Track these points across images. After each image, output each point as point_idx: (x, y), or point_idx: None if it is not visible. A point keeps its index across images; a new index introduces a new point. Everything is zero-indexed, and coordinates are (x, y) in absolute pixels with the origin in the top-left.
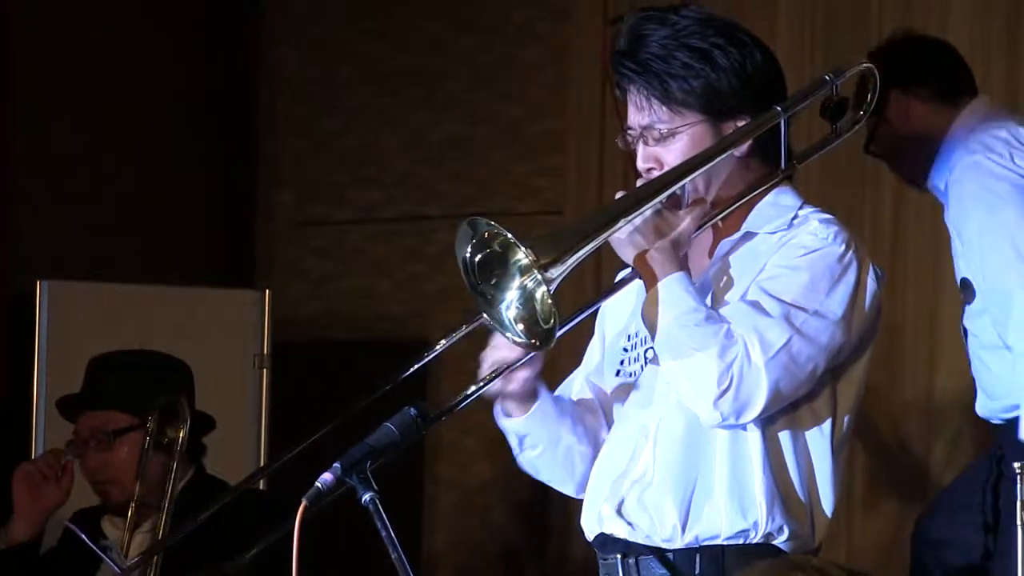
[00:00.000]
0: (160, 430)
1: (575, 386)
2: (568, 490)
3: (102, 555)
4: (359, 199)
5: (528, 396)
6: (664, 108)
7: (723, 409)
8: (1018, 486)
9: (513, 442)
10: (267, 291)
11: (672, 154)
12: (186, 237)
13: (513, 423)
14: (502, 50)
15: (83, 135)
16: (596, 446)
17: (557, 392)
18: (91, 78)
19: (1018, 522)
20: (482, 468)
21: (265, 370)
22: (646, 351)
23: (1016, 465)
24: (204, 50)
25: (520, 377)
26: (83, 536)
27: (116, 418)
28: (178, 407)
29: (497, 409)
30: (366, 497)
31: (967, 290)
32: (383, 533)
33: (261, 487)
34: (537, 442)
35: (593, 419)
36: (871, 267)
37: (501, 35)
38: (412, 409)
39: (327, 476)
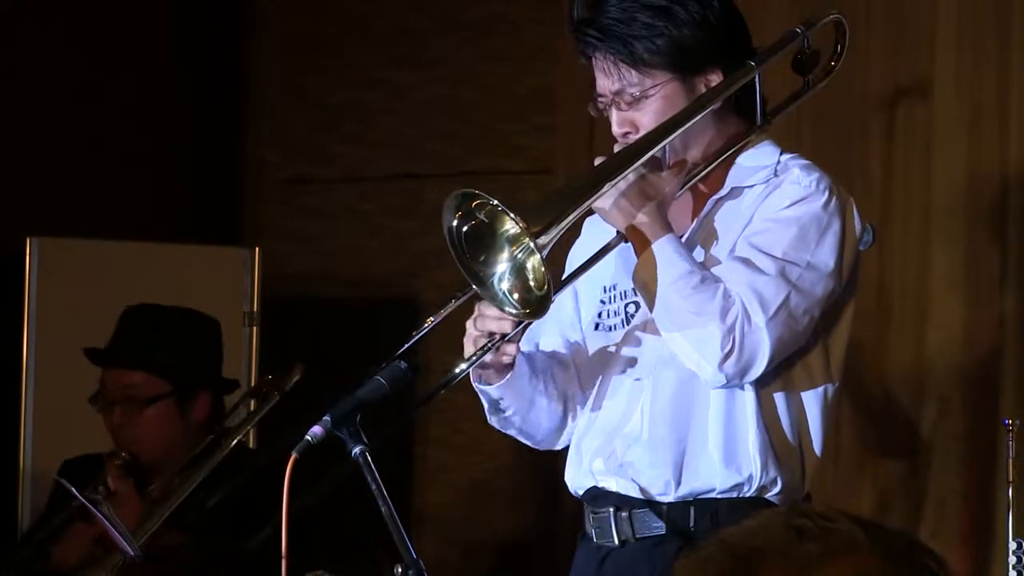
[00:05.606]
0: (188, 399)
1: (548, 339)
2: (530, 443)
3: (91, 508)
4: (346, 157)
5: (507, 364)
6: (633, 71)
7: (728, 372)
8: (1010, 443)
9: (486, 405)
10: (256, 249)
11: (647, 116)
12: (174, 195)
13: (490, 389)
14: (488, 7)
15: (71, 91)
16: (565, 402)
17: (523, 343)
18: (72, 34)
19: (1009, 478)
20: (471, 427)
21: (255, 328)
22: (627, 306)
23: (1007, 422)
24: (189, 7)
25: (509, 351)
26: (72, 489)
27: (150, 383)
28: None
29: (474, 374)
30: (356, 450)
31: None
32: (372, 486)
33: (251, 446)
34: (510, 405)
35: (564, 375)
36: (854, 207)
37: None
38: (402, 362)
39: (317, 429)
